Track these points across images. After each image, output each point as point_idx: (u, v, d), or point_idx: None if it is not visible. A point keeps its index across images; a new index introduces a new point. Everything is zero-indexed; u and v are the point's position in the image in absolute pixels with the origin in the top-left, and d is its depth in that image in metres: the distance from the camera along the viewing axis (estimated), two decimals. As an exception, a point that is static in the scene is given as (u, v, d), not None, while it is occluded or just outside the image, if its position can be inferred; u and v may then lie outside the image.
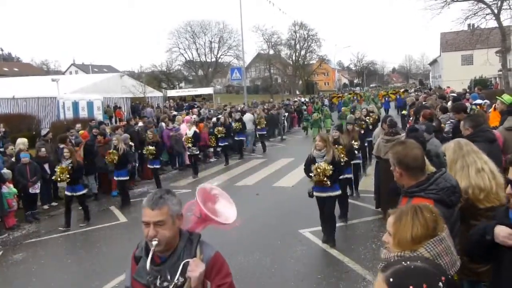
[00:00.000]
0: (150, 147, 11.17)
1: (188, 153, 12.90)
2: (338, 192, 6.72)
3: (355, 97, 30.52)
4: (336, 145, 7.54)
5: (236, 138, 15.47)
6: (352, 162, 8.37)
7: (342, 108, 21.31)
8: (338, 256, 6.27)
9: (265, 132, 18.07)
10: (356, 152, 8.73)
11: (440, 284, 1.40)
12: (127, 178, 10.32)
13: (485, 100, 10.89)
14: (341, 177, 7.14)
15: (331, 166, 6.36)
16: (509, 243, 2.18)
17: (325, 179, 6.33)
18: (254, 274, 5.84)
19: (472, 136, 4.53)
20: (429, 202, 2.47)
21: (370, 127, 12.02)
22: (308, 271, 5.81)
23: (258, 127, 17.44)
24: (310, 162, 6.60)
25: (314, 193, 6.68)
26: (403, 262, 1.48)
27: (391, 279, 1.41)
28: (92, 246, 7.55)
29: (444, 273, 1.45)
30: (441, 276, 1.42)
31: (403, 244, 1.87)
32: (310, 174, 6.49)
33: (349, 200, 8.42)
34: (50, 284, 6.07)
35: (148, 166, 11.83)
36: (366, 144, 11.11)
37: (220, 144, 14.80)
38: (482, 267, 3.18)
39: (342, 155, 7.29)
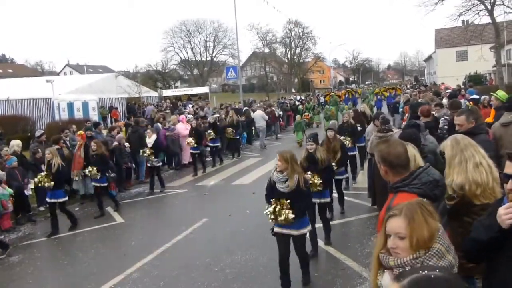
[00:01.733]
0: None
1: (149, 165, 11.35)
2: (306, 230, 5.22)
3: (346, 95, 30.09)
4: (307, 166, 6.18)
5: (210, 144, 14.20)
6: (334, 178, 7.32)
7: (331, 108, 20.77)
8: (334, 253, 6.30)
9: (238, 137, 16.18)
10: (337, 167, 7.37)
11: None
12: (66, 198, 8.66)
13: (484, 96, 10.96)
14: (318, 200, 6.30)
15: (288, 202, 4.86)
16: (508, 221, 2.13)
17: (284, 218, 4.80)
18: (251, 272, 5.86)
19: (475, 129, 4.55)
20: (413, 196, 2.50)
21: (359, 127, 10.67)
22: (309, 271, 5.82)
23: (229, 135, 15.28)
24: (270, 188, 5.11)
25: (275, 229, 5.08)
26: (421, 271, 1.37)
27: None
28: (89, 247, 7.53)
29: (463, 285, 1.38)
30: (460, 286, 1.35)
31: (420, 244, 1.81)
32: (268, 211, 4.95)
33: (346, 198, 8.47)
34: (47, 286, 6.07)
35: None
36: (355, 153, 10.18)
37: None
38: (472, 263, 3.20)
39: (314, 179, 6.02)
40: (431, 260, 1.78)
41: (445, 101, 10.73)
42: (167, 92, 40.44)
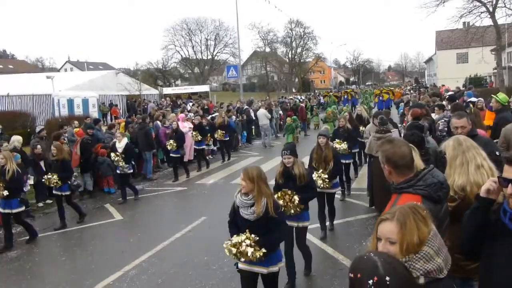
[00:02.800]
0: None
1: (118, 172, 10.20)
2: (278, 267, 4.12)
3: (346, 96, 29.80)
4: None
5: (196, 147, 13.60)
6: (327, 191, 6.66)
7: (328, 110, 19.62)
8: (332, 253, 6.30)
9: (227, 138, 15.08)
10: (329, 179, 6.52)
11: (370, 281, 1.53)
12: (22, 209, 7.72)
13: (479, 98, 10.93)
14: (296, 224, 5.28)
15: (253, 237, 3.78)
16: (489, 190, 2.33)
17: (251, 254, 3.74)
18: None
19: (471, 132, 4.51)
20: (417, 198, 2.51)
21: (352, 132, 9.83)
22: (303, 268, 5.82)
23: (217, 136, 14.61)
24: (234, 214, 4.06)
25: (239, 265, 4.07)
26: (368, 253, 1.65)
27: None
28: (87, 244, 7.54)
29: (383, 276, 1.54)
30: (375, 276, 1.53)
31: (410, 249, 1.82)
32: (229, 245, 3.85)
33: (345, 198, 8.48)
34: (45, 282, 6.07)
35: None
36: (351, 161, 9.67)
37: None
38: (471, 265, 3.20)
39: (291, 201, 5.00)
40: (418, 263, 1.80)
41: (445, 103, 10.72)
42: (168, 90, 40.39)
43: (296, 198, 5.01)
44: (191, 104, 27.92)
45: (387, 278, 1.54)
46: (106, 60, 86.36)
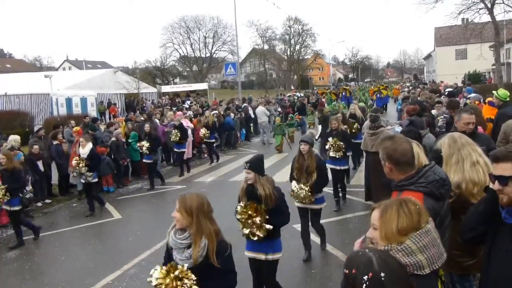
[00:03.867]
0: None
1: (82, 181, 9.32)
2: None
3: (344, 93, 28.92)
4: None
5: (176, 150, 12.74)
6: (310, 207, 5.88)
7: (325, 108, 18.02)
8: (331, 250, 6.31)
9: (213, 140, 14.30)
10: (311, 193, 5.64)
11: (365, 277, 1.55)
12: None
13: (476, 94, 10.96)
14: None
15: None
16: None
17: None
18: (246, 269, 5.85)
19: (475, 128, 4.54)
20: (418, 195, 2.49)
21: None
22: (302, 266, 5.83)
23: (205, 135, 13.74)
24: (167, 256, 3.07)
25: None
26: (363, 249, 1.67)
27: (344, 260, 1.64)
28: (86, 243, 7.53)
29: (378, 272, 1.56)
30: (370, 271, 1.55)
31: (389, 237, 1.88)
32: None
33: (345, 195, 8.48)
34: (44, 282, 6.06)
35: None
36: (346, 167, 8.55)
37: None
38: (469, 261, 3.22)
39: (258, 224, 4.17)
40: (397, 254, 1.84)
41: (444, 99, 10.72)
42: (166, 88, 40.46)
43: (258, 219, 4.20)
44: (189, 102, 27.93)
45: (382, 274, 1.56)
46: (104, 59, 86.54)
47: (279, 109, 22.83)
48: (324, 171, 5.93)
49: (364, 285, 1.54)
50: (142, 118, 14.39)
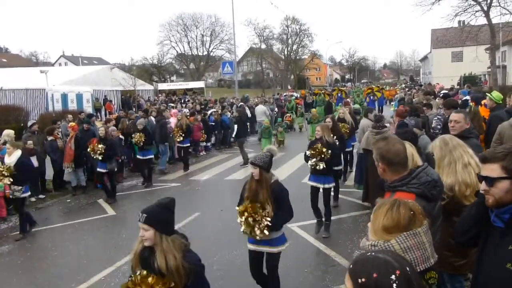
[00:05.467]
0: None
1: (10, 196, 7.87)
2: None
3: (339, 94, 28.42)
4: None
5: (139, 157, 11.39)
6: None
7: (312, 110, 16.99)
8: (325, 250, 6.33)
9: (188, 144, 13.12)
10: (260, 232, 4.25)
11: (393, 276, 1.45)
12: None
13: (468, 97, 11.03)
14: None
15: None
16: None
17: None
18: (240, 268, 5.86)
19: (466, 133, 4.46)
20: (410, 196, 2.50)
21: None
22: (295, 265, 5.84)
23: (178, 139, 12.68)
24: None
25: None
26: (369, 254, 1.57)
27: (351, 266, 1.53)
28: (79, 239, 7.51)
29: (402, 268, 1.49)
30: (396, 269, 1.47)
31: (377, 232, 1.94)
32: None
33: (339, 196, 8.51)
34: (36, 277, 6.05)
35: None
36: (331, 185, 6.90)
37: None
38: (460, 261, 3.24)
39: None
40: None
41: (439, 101, 10.76)
42: (163, 86, 40.32)
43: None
44: (186, 99, 27.88)
45: (408, 269, 1.51)
46: (100, 55, 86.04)
47: (276, 109, 22.85)
48: (286, 203, 4.37)
49: (395, 284, 1.45)
50: (137, 115, 14.39)
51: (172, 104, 24.09)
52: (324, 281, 5.36)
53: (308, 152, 6.67)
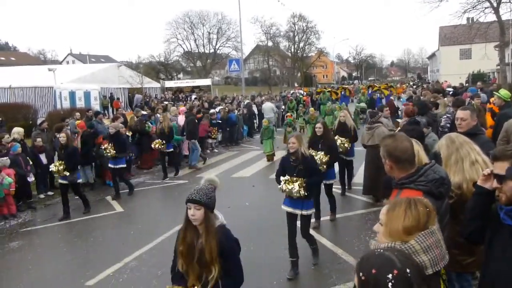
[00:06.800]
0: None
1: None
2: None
3: (343, 92, 27.99)
4: None
5: (111, 166, 9.97)
6: None
7: (310, 109, 16.35)
8: (331, 247, 6.33)
9: (171, 149, 11.77)
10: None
11: (390, 275, 1.47)
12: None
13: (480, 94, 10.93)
14: None
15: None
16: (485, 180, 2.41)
17: None
18: (247, 264, 5.87)
19: (474, 130, 4.43)
20: (418, 193, 2.49)
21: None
22: (302, 262, 5.84)
23: (159, 146, 11.32)
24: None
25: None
26: (377, 250, 1.59)
27: (358, 261, 1.55)
28: (88, 235, 7.58)
29: (402, 268, 1.50)
30: (394, 269, 1.48)
31: (394, 234, 1.88)
32: None
33: (346, 194, 8.51)
34: (45, 272, 6.11)
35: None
36: (308, 212, 5.49)
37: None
38: (468, 259, 3.23)
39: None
40: None
41: (448, 99, 10.69)
42: (170, 84, 40.44)
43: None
44: (193, 97, 27.93)
45: (408, 271, 1.50)
46: (108, 53, 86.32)
47: (283, 106, 22.82)
48: (236, 262, 3.00)
49: (390, 283, 1.46)
50: (144, 113, 14.43)
51: (180, 103, 24.13)
52: (331, 279, 5.37)
53: (282, 179, 5.30)
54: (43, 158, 10.06)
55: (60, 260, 6.56)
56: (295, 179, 5.22)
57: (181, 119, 14.09)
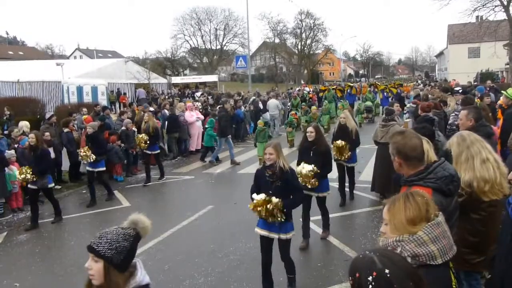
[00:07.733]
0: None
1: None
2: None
3: (349, 90, 27.62)
4: None
5: (89, 169, 9.31)
6: None
7: (312, 108, 17.07)
8: (338, 245, 6.33)
9: (158, 151, 11.12)
10: None
11: (370, 278, 1.50)
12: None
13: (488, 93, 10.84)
14: None
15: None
16: None
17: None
18: (254, 261, 5.91)
19: (473, 130, 4.44)
20: (427, 190, 2.49)
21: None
22: (308, 259, 5.87)
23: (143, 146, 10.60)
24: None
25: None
26: (363, 253, 1.62)
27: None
28: (95, 229, 7.60)
29: (382, 269, 1.51)
30: (374, 271, 1.51)
31: (399, 228, 1.92)
32: None
33: (354, 191, 8.51)
34: (53, 265, 6.17)
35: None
36: (280, 236, 4.78)
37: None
38: (477, 258, 3.22)
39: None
40: (408, 245, 1.88)
41: (456, 97, 10.62)
42: (176, 79, 40.50)
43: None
44: (199, 94, 27.96)
45: (386, 271, 1.50)
46: (115, 49, 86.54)
47: (289, 103, 22.76)
48: None
49: (370, 286, 1.48)
50: (152, 109, 14.48)
51: (186, 99, 24.17)
52: (337, 276, 5.37)
53: (255, 197, 4.58)
54: (51, 152, 10.11)
55: (68, 253, 6.62)
56: (268, 198, 4.44)
57: (188, 115, 14.12)
